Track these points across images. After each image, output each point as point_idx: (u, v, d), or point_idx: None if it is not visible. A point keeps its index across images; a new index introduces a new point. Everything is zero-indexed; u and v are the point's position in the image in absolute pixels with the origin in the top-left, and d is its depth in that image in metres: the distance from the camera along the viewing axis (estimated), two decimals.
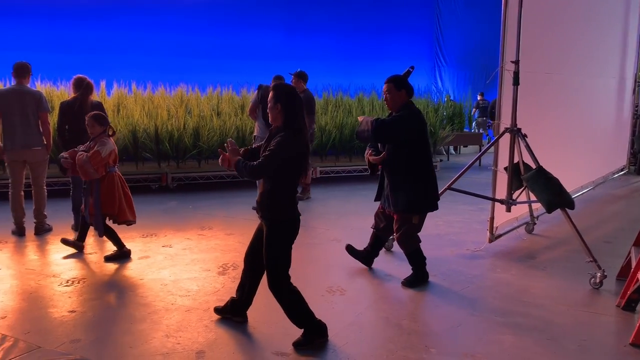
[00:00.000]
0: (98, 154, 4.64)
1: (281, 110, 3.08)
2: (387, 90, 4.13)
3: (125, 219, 4.85)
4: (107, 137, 4.80)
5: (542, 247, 5.33)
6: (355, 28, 14.54)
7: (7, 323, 3.48)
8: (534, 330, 3.44)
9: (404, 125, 4.03)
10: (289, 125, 3.08)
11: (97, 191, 4.72)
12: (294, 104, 3.10)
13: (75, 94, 5.66)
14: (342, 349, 3.16)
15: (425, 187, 4.14)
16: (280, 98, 3.09)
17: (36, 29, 11.42)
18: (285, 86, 3.24)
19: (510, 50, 4.91)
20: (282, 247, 3.15)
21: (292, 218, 3.16)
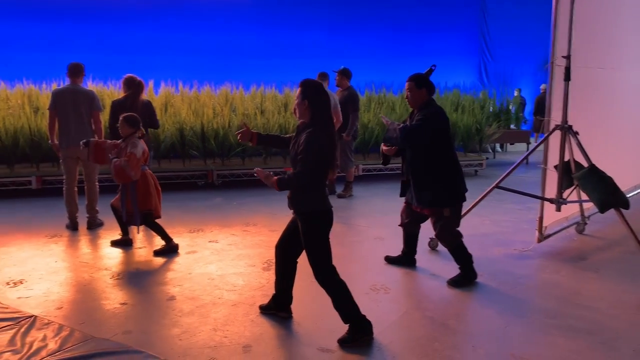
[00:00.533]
0: (134, 156, 4.78)
1: (308, 106, 3.13)
2: (408, 89, 4.16)
3: (158, 215, 5.03)
4: (136, 139, 4.92)
5: (594, 248, 5.16)
6: (399, 25, 14.41)
7: (63, 313, 3.63)
8: (586, 333, 3.33)
9: (429, 127, 4.00)
10: (316, 121, 3.12)
11: (134, 191, 4.86)
12: (321, 100, 3.14)
13: (125, 93, 5.83)
14: (387, 347, 3.15)
15: (449, 180, 4.08)
16: (307, 94, 3.14)
17: (89, 32, 11.82)
18: (312, 82, 3.26)
19: (561, 44, 4.77)
20: (318, 240, 3.19)
21: (323, 210, 3.19)
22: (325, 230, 3.21)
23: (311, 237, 3.19)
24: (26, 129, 7.73)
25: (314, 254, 3.20)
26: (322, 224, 3.20)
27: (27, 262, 4.70)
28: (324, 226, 3.21)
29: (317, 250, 3.20)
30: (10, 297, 3.90)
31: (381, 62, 13.69)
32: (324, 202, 3.20)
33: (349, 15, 13.90)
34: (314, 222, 3.19)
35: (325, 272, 3.20)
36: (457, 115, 10.11)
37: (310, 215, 3.19)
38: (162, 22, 12.41)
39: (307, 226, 3.19)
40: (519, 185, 5.36)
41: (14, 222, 6.07)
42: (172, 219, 5.91)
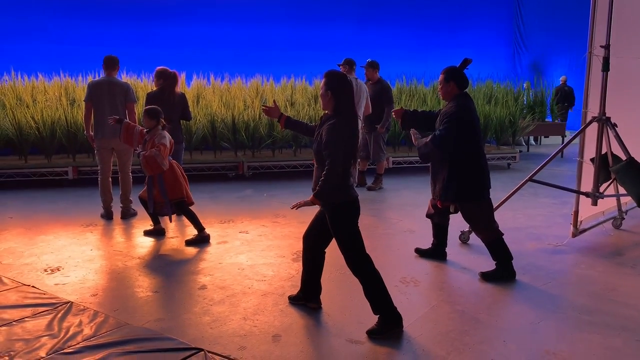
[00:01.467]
0: (164, 146, 4.88)
1: (331, 97, 3.14)
2: (439, 81, 4.16)
3: (191, 201, 5.11)
4: (161, 130, 5.01)
5: (632, 244, 5.02)
6: (431, 16, 14.21)
7: (98, 300, 3.72)
8: (623, 330, 3.25)
9: (456, 126, 3.93)
10: (339, 111, 3.14)
11: (161, 181, 4.95)
12: (344, 91, 3.16)
13: (157, 85, 5.90)
14: (416, 340, 3.13)
15: (463, 175, 4.01)
16: (331, 85, 3.16)
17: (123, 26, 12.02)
18: (336, 73, 3.27)
19: (599, 34, 4.62)
20: (346, 229, 3.21)
21: (348, 200, 3.20)
22: (353, 219, 3.22)
23: (339, 227, 3.21)
24: (63, 121, 7.92)
25: (344, 243, 3.22)
26: (349, 213, 3.21)
27: (64, 250, 4.83)
28: (351, 215, 3.22)
29: (347, 239, 3.21)
30: (48, 283, 4.02)
31: (412, 54, 13.54)
32: (348, 192, 3.20)
33: (379, 7, 13.78)
34: (341, 212, 3.20)
35: (357, 260, 3.21)
36: (490, 108, 9.93)
37: (336, 206, 3.20)
38: (194, 15, 12.52)
39: (334, 217, 3.21)
40: (553, 179, 5.25)
41: (52, 212, 6.24)
42: (203, 210, 5.99)
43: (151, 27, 12.22)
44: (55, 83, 9.36)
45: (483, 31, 14.77)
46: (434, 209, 4.39)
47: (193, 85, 10.03)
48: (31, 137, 7.83)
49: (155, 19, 12.26)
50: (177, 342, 3.04)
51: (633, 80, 5.43)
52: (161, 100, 5.66)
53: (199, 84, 10.00)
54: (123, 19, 12.06)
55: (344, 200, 3.19)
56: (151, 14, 12.23)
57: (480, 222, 4.13)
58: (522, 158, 10.07)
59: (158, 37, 12.21)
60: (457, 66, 4.11)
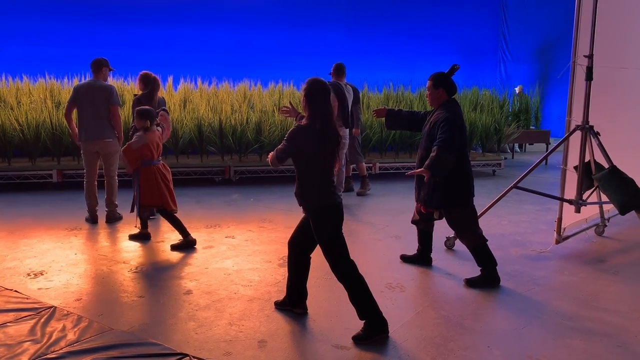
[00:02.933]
0: (129, 147, 4.92)
1: (306, 103, 3.24)
2: (427, 87, 4.19)
3: (170, 209, 5.06)
4: (144, 132, 4.99)
5: (614, 251, 5.09)
6: (417, 23, 14.32)
7: (82, 305, 3.68)
8: (604, 336, 3.29)
9: (456, 129, 3.92)
10: (310, 117, 3.23)
11: (137, 183, 4.97)
12: (316, 97, 3.23)
13: (141, 89, 5.94)
14: (402, 345, 3.14)
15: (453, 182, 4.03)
16: (305, 91, 3.26)
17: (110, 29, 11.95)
18: (312, 80, 3.31)
19: (583, 43, 4.70)
20: (327, 233, 3.23)
21: (330, 205, 3.23)
22: (335, 224, 3.25)
23: (322, 232, 3.24)
24: (48, 123, 7.85)
25: (328, 249, 3.24)
26: (331, 218, 3.24)
27: (48, 254, 4.78)
28: (333, 220, 3.25)
29: (330, 245, 3.23)
30: (31, 287, 3.97)
31: (399, 61, 13.63)
32: (330, 197, 3.24)
33: (367, 14, 13.86)
34: (322, 217, 3.24)
35: (341, 266, 3.23)
36: (476, 115, 10.03)
37: (319, 211, 3.24)
38: (181, 18, 12.49)
39: (316, 222, 3.25)
40: (537, 186, 5.32)
41: (35, 215, 6.17)
42: (189, 214, 5.97)
43: (138, 30, 12.17)
44: (40, 85, 9.28)
45: (469, 39, 14.91)
46: (419, 215, 4.42)
47: (180, 88, 10.00)
48: (15, 140, 7.76)
49: (143, 21, 12.20)
50: (162, 347, 3.02)
51: (615, 89, 5.53)
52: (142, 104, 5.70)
53: (186, 88, 9.98)
54: (110, 21, 11.99)
55: (325, 204, 3.23)
56: (138, 17, 12.18)
57: (465, 228, 4.16)
58: (507, 165, 10.17)
59: (145, 40, 12.15)
60: (446, 72, 4.14)
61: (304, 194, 3.28)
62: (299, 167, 3.28)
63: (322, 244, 3.26)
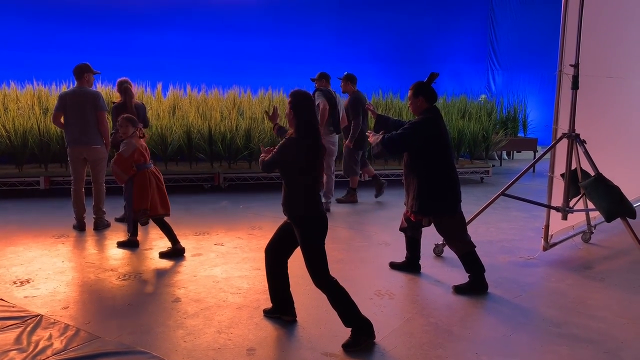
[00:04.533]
0: (120, 156, 4.92)
1: (293, 115, 3.25)
2: (408, 97, 4.26)
3: (156, 213, 5.01)
4: (133, 138, 4.99)
5: (600, 257, 5.14)
6: (407, 31, 14.41)
7: (69, 313, 3.65)
8: (590, 342, 3.32)
9: (413, 134, 4.05)
10: (297, 129, 3.25)
11: (130, 190, 4.94)
12: (303, 109, 3.26)
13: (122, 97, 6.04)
14: (390, 353, 3.15)
15: (435, 189, 4.09)
16: (292, 103, 3.27)
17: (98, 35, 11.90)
18: (298, 92, 3.35)
19: (569, 52, 4.77)
20: (311, 245, 3.25)
21: (313, 216, 3.26)
22: (317, 235, 3.26)
23: (306, 242, 3.25)
24: (35, 130, 7.79)
25: (310, 259, 3.25)
26: (316, 229, 3.26)
27: (34, 261, 4.73)
28: (318, 231, 3.27)
29: (312, 255, 3.24)
30: (17, 296, 3.93)
31: (388, 68, 13.71)
32: (316, 208, 3.28)
33: (356, 21, 13.93)
34: (307, 227, 3.26)
35: (321, 276, 3.25)
36: (464, 123, 10.10)
37: (303, 221, 3.27)
38: (171, 25, 12.48)
39: (301, 231, 3.26)
40: (525, 193, 5.36)
41: (22, 222, 6.11)
42: (178, 222, 5.93)
43: (127, 36, 12.13)
44: (27, 91, 9.22)
45: (458, 48, 15.04)
46: (407, 222, 4.44)
47: (169, 95, 9.98)
48: (2, 146, 7.68)
49: (132, 27, 12.17)
50: (150, 355, 3.01)
51: (601, 98, 5.60)
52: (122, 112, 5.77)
53: (175, 95, 9.96)
54: (99, 27, 11.94)
55: (310, 215, 3.26)
56: (127, 23, 12.14)
57: (453, 235, 4.19)
58: (494, 172, 10.24)
59: (134, 46, 12.11)
60: (425, 81, 4.20)
61: (290, 204, 3.31)
62: (287, 178, 3.31)
63: (305, 254, 3.27)
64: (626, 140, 6.31)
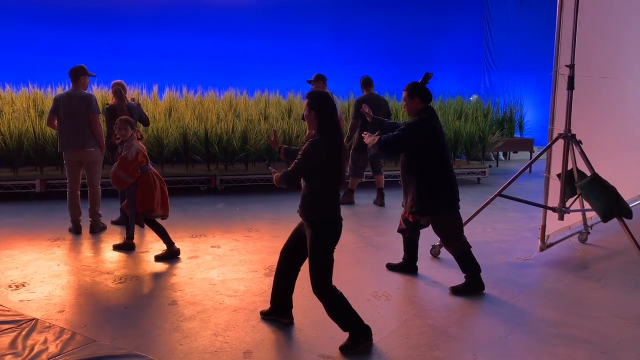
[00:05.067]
0: (125, 159, 4.85)
1: (315, 117, 3.18)
2: (403, 98, 4.26)
3: (156, 215, 5.00)
4: (133, 140, 4.97)
5: (597, 257, 5.15)
6: (402, 33, 14.44)
7: (65, 317, 3.63)
8: (587, 342, 3.32)
9: (409, 135, 4.05)
10: (322, 131, 3.17)
11: (133, 192, 4.90)
12: (327, 110, 3.19)
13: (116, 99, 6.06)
14: (388, 354, 3.14)
15: (433, 189, 4.09)
16: (314, 105, 3.20)
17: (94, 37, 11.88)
18: (318, 92, 3.33)
19: (564, 53, 4.78)
20: (322, 250, 3.18)
21: (332, 221, 3.19)
22: (331, 241, 3.20)
23: (315, 246, 3.17)
24: (30, 133, 7.76)
25: (316, 264, 3.17)
26: (328, 234, 3.19)
27: (30, 265, 4.71)
28: (330, 237, 3.20)
29: (320, 260, 3.17)
30: (12, 300, 3.91)
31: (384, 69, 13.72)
32: (334, 214, 3.20)
33: (352, 23, 13.94)
34: (320, 232, 3.17)
35: (323, 283, 3.17)
36: (460, 123, 10.11)
37: (319, 225, 3.18)
38: (167, 28, 12.46)
39: (312, 235, 3.18)
40: (521, 194, 5.37)
41: (17, 225, 6.09)
42: (174, 224, 5.92)
43: (123, 38, 12.10)
44: (23, 94, 9.18)
45: (454, 48, 15.06)
46: (406, 223, 4.44)
47: (165, 97, 9.96)
48: None
49: (128, 29, 12.14)
50: (146, 359, 2.99)
51: (597, 98, 5.61)
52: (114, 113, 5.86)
53: (171, 97, 9.94)
54: (95, 29, 11.91)
55: (327, 220, 3.18)
56: (123, 25, 12.11)
57: (451, 235, 4.19)
58: (491, 173, 10.25)
59: (130, 49, 12.09)
60: (419, 81, 4.19)
61: (311, 206, 3.18)
62: (310, 180, 3.19)
63: (313, 258, 3.18)
64: (622, 140, 6.33)
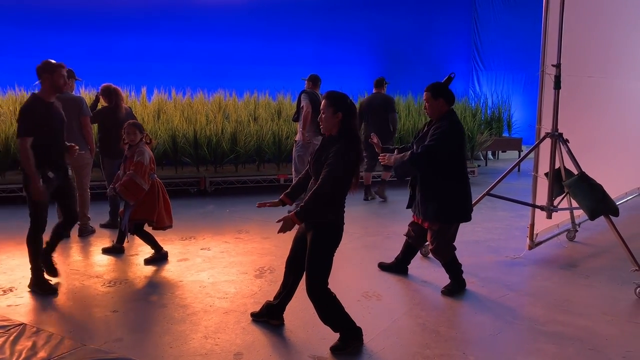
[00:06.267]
0: (141, 164, 4.71)
1: (341, 119, 3.07)
2: (425, 99, 4.06)
3: (162, 225, 4.95)
4: (143, 145, 4.90)
5: (585, 255, 5.19)
6: (391, 34, 14.48)
7: (54, 321, 3.60)
8: (576, 340, 3.35)
9: (446, 142, 3.88)
10: (345, 135, 3.07)
11: None
12: (352, 114, 3.10)
13: (107, 102, 5.96)
14: (378, 354, 3.15)
15: (458, 196, 4.03)
16: (339, 107, 3.08)
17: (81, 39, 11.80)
18: (341, 95, 3.16)
19: (551, 53, 4.81)
20: (323, 252, 3.14)
21: (337, 223, 3.15)
22: (333, 244, 3.16)
23: (317, 248, 3.12)
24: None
25: (315, 265, 3.13)
26: (332, 236, 3.15)
27: (17, 269, 4.66)
28: (333, 239, 3.16)
29: (320, 262, 3.13)
30: (0, 305, 3.87)
31: (373, 70, 13.75)
32: (339, 216, 3.15)
33: (340, 24, 13.95)
34: (328, 233, 3.13)
35: (320, 286, 3.14)
36: None
37: (325, 226, 3.13)
38: (155, 29, 12.40)
39: (316, 236, 3.12)
40: (510, 193, 5.40)
41: (4, 230, 6.03)
42: None
43: (111, 40, 12.03)
44: (9, 97, 9.10)
45: (442, 49, 15.14)
46: (417, 230, 4.35)
47: (154, 99, 9.91)
48: None
49: (115, 31, 12.07)
50: None
51: (583, 98, 5.66)
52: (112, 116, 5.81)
53: (160, 99, 9.89)
54: (82, 31, 11.82)
55: (334, 222, 3.13)
56: (111, 26, 12.04)
57: (447, 243, 4.12)
58: (480, 172, 10.31)
59: (118, 50, 12.02)
60: (442, 82, 4.06)
61: (323, 209, 3.07)
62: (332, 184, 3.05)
63: (313, 260, 3.12)
64: (608, 138, 6.39)
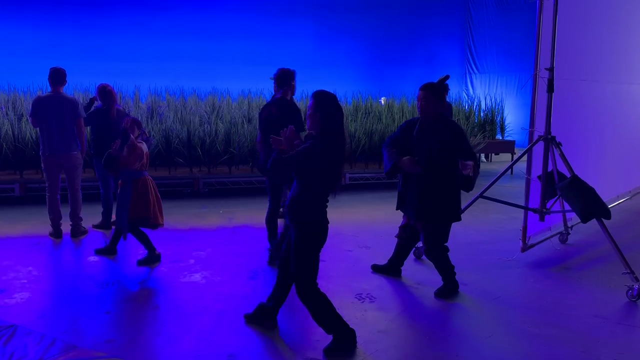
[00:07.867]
0: (134, 144, 4.78)
1: (320, 118, 3.09)
2: (423, 98, 4.01)
3: (156, 222, 4.97)
4: (141, 142, 4.94)
5: (577, 258, 5.22)
6: (385, 35, 14.53)
7: (45, 322, 3.58)
8: (568, 342, 3.37)
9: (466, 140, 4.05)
10: (326, 133, 3.10)
11: (128, 197, 4.82)
12: (334, 113, 3.12)
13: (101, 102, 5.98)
14: (372, 356, 3.15)
15: (452, 197, 4.06)
16: (320, 106, 3.11)
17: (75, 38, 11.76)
18: (326, 94, 3.18)
19: (544, 57, 4.84)
20: (308, 252, 3.15)
21: (320, 222, 3.16)
22: (318, 243, 3.17)
23: (301, 248, 3.14)
24: (10, 136, 7.64)
25: (301, 266, 3.14)
26: (316, 236, 3.16)
27: (9, 270, 4.63)
28: (317, 239, 3.16)
29: (304, 262, 3.15)
30: None
31: (366, 72, 13.79)
32: (321, 215, 3.16)
33: (335, 25, 13.99)
34: (310, 233, 3.14)
35: (307, 286, 3.15)
36: None
37: (307, 225, 3.14)
38: (149, 29, 12.38)
39: (301, 236, 3.14)
40: (503, 195, 5.42)
41: None
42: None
43: (105, 40, 11.99)
44: (1, 96, 9.04)
45: (436, 52, 15.20)
46: (409, 231, 4.36)
47: (147, 100, 9.88)
48: None
49: (109, 31, 12.04)
50: None
51: (576, 101, 5.70)
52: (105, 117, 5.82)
53: (153, 99, 9.86)
54: (74, 30, 11.79)
55: (316, 220, 3.14)
56: (104, 26, 12.01)
57: (440, 244, 4.14)
58: None
59: (112, 50, 11.99)
60: (437, 82, 4.06)
61: (300, 208, 3.12)
62: (305, 181, 3.12)
63: (297, 259, 3.14)
64: (600, 142, 6.43)
